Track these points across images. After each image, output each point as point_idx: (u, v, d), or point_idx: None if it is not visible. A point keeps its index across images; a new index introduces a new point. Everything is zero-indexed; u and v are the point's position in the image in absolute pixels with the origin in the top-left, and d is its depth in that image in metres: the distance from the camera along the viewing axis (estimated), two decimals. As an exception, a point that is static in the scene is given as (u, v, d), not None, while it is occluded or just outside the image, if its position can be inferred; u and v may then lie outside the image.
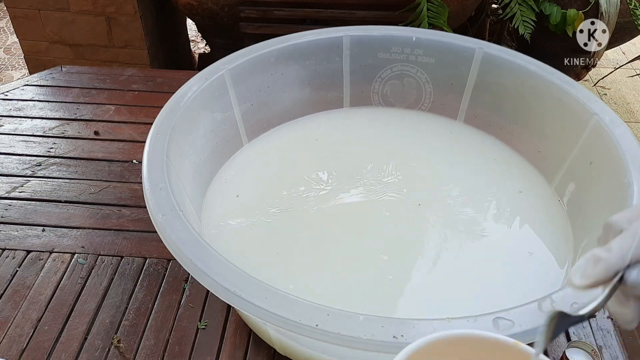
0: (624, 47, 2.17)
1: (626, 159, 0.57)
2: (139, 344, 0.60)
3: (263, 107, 0.78)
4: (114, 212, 0.76)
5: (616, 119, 0.62)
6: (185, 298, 0.64)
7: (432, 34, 0.79)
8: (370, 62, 0.80)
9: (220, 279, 0.44)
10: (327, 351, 0.52)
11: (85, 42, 1.67)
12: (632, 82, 2.05)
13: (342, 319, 0.41)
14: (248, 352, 0.59)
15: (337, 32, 0.78)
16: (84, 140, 0.89)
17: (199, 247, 0.47)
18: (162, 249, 0.69)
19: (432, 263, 0.63)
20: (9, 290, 0.65)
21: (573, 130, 0.67)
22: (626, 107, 1.94)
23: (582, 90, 0.66)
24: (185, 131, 0.64)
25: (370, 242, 0.66)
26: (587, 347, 0.55)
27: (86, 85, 1.01)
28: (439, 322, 0.41)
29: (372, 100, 0.84)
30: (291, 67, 0.78)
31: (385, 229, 0.67)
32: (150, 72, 1.06)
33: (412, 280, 0.61)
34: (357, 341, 0.40)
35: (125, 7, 1.57)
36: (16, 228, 0.73)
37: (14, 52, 2.15)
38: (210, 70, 0.70)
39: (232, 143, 0.76)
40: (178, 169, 0.59)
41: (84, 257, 0.69)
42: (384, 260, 0.63)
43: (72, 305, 0.64)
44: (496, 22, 1.71)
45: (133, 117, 0.94)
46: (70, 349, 0.59)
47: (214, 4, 1.54)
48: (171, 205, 0.51)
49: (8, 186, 0.80)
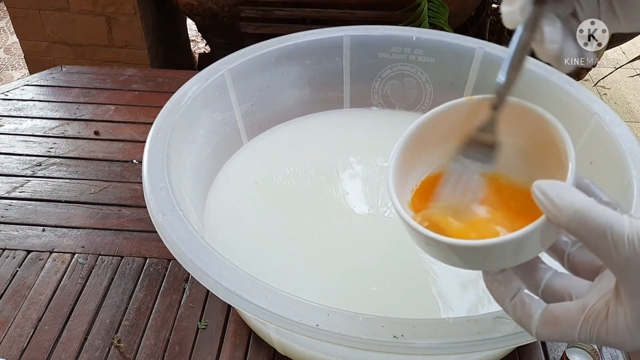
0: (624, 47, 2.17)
1: (626, 158, 0.57)
2: (139, 344, 0.60)
3: (263, 107, 0.78)
4: (114, 212, 0.76)
5: (616, 119, 0.62)
6: (185, 298, 0.64)
7: (432, 33, 0.79)
8: (370, 62, 0.80)
9: (221, 279, 0.44)
10: (328, 351, 0.52)
11: (85, 42, 1.67)
12: (632, 82, 2.05)
13: (342, 319, 0.41)
14: (248, 352, 0.59)
15: (337, 32, 0.78)
16: (84, 140, 0.89)
17: (199, 247, 0.47)
18: (162, 249, 0.69)
19: (433, 262, 0.63)
20: (9, 290, 0.65)
21: (573, 130, 0.66)
22: (626, 107, 1.94)
23: (582, 90, 0.66)
24: (185, 131, 0.64)
25: (372, 243, 0.66)
26: (587, 347, 0.55)
27: (86, 85, 1.01)
28: (439, 321, 0.41)
29: (372, 100, 0.84)
30: (291, 67, 0.78)
31: (387, 229, 0.67)
32: (150, 72, 1.06)
33: (412, 280, 0.61)
34: (357, 341, 0.40)
35: (125, 7, 1.57)
36: (16, 228, 0.73)
37: (14, 52, 2.15)
38: (210, 70, 0.70)
39: (232, 143, 0.76)
40: (178, 169, 0.59)
41: (84, 257, 0.69)
42: (386, 261, 0.63)
43: (72, 305, 0.64)
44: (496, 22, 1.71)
45: (133, 117, 0.94)
46: (70, 348, 0.59)
47: (214, 4, 1.54)
48: (171, 205, 0.51)
49: (8, 186, 0.80)
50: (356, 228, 0.67)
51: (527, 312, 0.32)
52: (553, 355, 0.59)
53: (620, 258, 0.27)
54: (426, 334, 0.40)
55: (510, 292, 0.33)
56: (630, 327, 0.28)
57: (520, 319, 0.32)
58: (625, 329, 0.28)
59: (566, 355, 0.54)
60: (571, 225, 0.28)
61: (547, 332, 0.31)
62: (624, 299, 0.28)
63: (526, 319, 0.32)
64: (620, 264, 0.27)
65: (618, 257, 0.27)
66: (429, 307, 0.58)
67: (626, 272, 0.27)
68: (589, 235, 0.28)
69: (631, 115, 1.90)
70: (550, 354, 0.59)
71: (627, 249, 0.27)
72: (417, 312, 0.58)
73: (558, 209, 0.28)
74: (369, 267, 0.63)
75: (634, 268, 0.27)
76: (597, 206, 0.28)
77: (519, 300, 0.32)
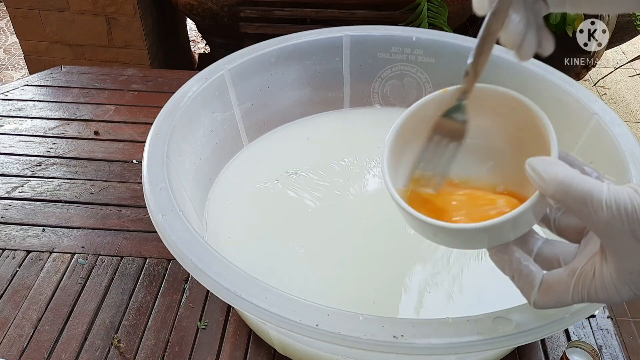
0: (624, 47, 2.17)
1: (626, 158, 0.57)
2: (139, 344, 0.60)
3: (263, 107, 0.78)
4: (114, 212, 0.76)
5: (616, 119, 0.62)
6: (185, 298, 0.64)
7: (432, 34, 0.79)
8: (370, 62, 0.80)
9: (221, 279, 0.44)
10: (328, 351, 0.52)
11: (85, 42, 1.67)
12: (632, 82, 2.05)
13: (342, 319, 0.41)
14: (248, 352, 0.59)
15: (337, 32, 0.78)
16: (84, 140, 0.89)
17: (199, 247, 0.47)
18: (162, 249, 0.69)
19: (433, 262, 0.63)
20: (9, 290, 0.65)
21: (573, 130, 0.67)
22: (626, 107, 1.95)
23: (582, 90, 0.66)
24: (185, 131, 0.64)
25: (374, 243, 0.66)
26: (587, 347, 0.55)
27: (86, 85, 1.01)
28: (439, 321, 0.41)
29: (372, 100, 0.84)
30: (291, 67, 0.78)
31: (387, 229, 0.67)
32: (150, 72, 1.06)
33: (412, 280, 0.61)
34: (357, 341, 0.40)
35: (125, 7, 1.57)
36: (16, 228, 0.73)
37: (14, 52, 2.15)
38: (210, 70, 0.70)
39: (232, 143, 0.76)
40: (178, 169, 0.59)
41: (84, 257, 0.69)
42: (389, 261, 0.63)
43: (72, 305, 0.64)
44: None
45: (133, 117, 0.94)
46: (70, 348, 0.59)
47: (214, 4, 1.54)
48: (171, 205, 0.51)
49: (8, 186, 0.80)
50: (358, 228, 0.67)
51: (529, 282, 0.35)
52: (553, 355, 0.59)
53: (600, 221, 0.30)
54: (426, 334, 0.40)
55: (512, 263, 0.36)
56: (615, 283, 0.31)
57: (523, 288, 0.36)
58: (612, 285, 0.31)
59: (566, 355, 0.54)
60: (556, 195, 0.31)
61: (543, 301, 0.35)
62: (609, 258, 0.31)
63: (528, 289, 0.35)
64: (601, 227, 0.30)
65: (599, 220, 0.30)
66: (430, 305, 0.58)
67: (608, 233, 0.30)
68: (572, 202, 0.31)
69: (631, 115, 1.90)
70: (550, 354, 0.59)
71: (606, 213, 0.29)
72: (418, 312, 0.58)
73: (544, 181, 0.32)
74: (371, 266, 0.63)
75: (614, 229, 0.30)
76: (578, 176, 0.31)
77: (523, 269, 0.35)
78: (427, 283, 0.61)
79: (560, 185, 0.31)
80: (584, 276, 0.33)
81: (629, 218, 0.29)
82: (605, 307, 0.63)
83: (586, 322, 0.62)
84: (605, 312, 0.63)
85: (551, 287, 0.34)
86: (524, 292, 0.36)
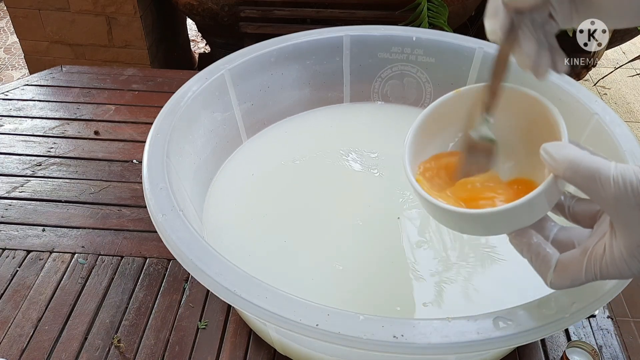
0: (624, 47, 2.17)
1: (626, 158, 0.57)
2: (139, 344, 0.60)
3: (263, 107, 0.78)
4: (114, 212, 0.76)
5: (616, 119, 0.62)
6: (185, 298, 0.64)
7: (432, 33, 0.79)
8: (370, 62, 0.80)
9: (221, 279, 0.44)
10: (328, 351, 0.52)
11: (85, 42, 1.67)
12: (632, 82, 2.05)
13: (342, 319, 0.41)
14: (248, 352, 0.59)
15: (337, 32, 0.78)
16: (84, 140, 0.89)
17: (199, 247, 0.47)
18: (162, 248, 0.69)
19: (433, 262, 0.63)
20: (9, 290, 0.65)
21: (573, 130, 0.66)
22: (626, 107, 1.95)
23: (582, 90, 0.66)
24: (185, 131, 0.64)
25: (375, 243, 0.66)
26: (587, 347, 0.55)
27: (86, 85, 1.01)
28: (439, 321, 0.41)
29: (372, 100, 0.84)
30: (291, 67, 0.78)
31: (391, 225, 0.67)
32: (150, 72, 1.06)
33: (411, 280, 0.61)
34: (357, 341, 0.40)
35: (125, 7, 1.57)
36: (16, 228, 0.73)
37: (14, 52, 2.15)
38: (210, 70, 0.70)
39: (232, 143, 0.76)
40: (178, 169, 0.59)
41: (84, 257, 0.69)
42: (391, 260, 0.63)
43: (72, 305, 0.64)
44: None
45: (133, 117, 0.94)
46: (70, 348, 0.59)
47: (214, 3, 1.54)
48: (171, 205, 0.51)
49: (8, 186, 0.80)
50: (360, 226, 0.67)
51: (546, 263, 0.37)
52: (553, 355, 0.59)
53: (609, 197, 0.32)
54: (426, 334, 0.40)
55: (531, 246, 0.38)
56: (625, 258, 0.33)
57: (540, 269, 0.38)
58: (622, 259, 0.33)
59: (566, 355, 0.54)
60: (567, 173, 0.34)
61: (558, 281, 0.37)
62: (618, 234, 0.33)
63: (544, 269, 0.37)
64: (610, 202, 0.32)
65: (607, 196, 0.32)
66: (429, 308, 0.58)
67: (616, 208, 0.32)
68: (581, 180, 0.33)
69: (631, 115, 1.90)
70: (550, 354, 0.59)
71: (613, 188, 0.31)
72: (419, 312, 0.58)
73: (556, 161, 0.34)
74: (372, 266, 0.63)
75: (621, 204, 0.31)
76: (587, 155, 0.33)
77: (541, 251, 0.38)
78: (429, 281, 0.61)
79: (570, 164, 0.33)
80: (595, 253, 0.34)
81: (635, 192, 0.31)
82: (605, 307, 0.63)
83: (586, 322, 0.62)
84: (605, 312, 0.63)
85: (566, 267, 0.36)
86: (541, 273, 0.38)
